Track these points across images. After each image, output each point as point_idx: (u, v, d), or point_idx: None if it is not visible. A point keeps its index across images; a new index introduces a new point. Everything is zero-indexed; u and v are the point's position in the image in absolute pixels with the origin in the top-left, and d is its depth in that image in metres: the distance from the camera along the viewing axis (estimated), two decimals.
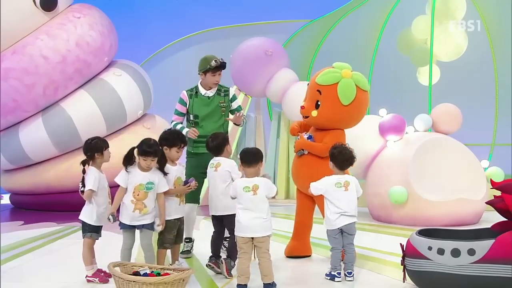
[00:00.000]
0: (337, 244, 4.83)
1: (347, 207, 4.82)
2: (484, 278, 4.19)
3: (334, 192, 4.82)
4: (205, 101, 5.67)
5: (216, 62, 5.58)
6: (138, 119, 8.54)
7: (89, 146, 4.83)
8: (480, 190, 7.27)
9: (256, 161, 4.61)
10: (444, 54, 8.82)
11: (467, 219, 7.15)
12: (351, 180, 4.89)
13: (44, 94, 7.97)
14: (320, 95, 5.30)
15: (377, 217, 7.59)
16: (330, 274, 4.81)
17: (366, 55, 9.19)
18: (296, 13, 9.45)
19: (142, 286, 4.10)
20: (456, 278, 4.24)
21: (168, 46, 10.03)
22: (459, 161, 7.36)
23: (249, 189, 4.52)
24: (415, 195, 7.14)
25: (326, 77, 5.31)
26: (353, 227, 4.87)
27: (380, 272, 5.09)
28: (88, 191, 4.71)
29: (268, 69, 8.65)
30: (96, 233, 4.80)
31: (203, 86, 5.70)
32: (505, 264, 4.14)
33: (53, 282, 4.85)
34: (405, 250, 4.46)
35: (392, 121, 7.64)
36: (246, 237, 4.48)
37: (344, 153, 4.91)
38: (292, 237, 5.61)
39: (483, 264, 4.18)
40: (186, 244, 5.64)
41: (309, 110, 5.35)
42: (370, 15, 9.19)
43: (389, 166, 7.46)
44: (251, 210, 4.51)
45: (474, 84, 8.91)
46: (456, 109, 7.78)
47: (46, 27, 8.07)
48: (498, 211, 4.39)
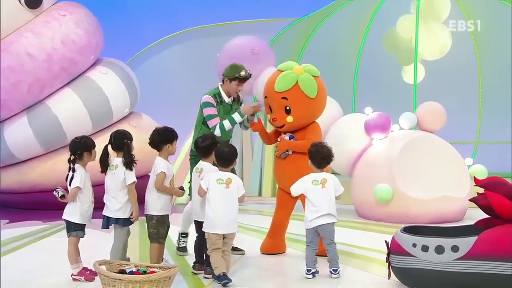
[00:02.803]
0: (311, 242, 4.83)
1: (324, 205, 4.79)
2: (467, 274, 4.23)
3: (311, 190, 4.82)
4: (227, 109, 5.61)
5: (245, 73, 5.55)
6: (124, 117, 8.50)
7: (79, 145, 4.84)
8: (464, 187, 7.32)
9: (232, 163, 4.70)
10: (428, 53, 8.87)
11: (451, 216, 7.20)
12: (328, 178, 4.86)
13: (29, 92, 7.91)
14: (287, 101, 5.37)
15: (363, 215, 7.63)
16: (309, 271, 4.81)
17: (352, 53, 9.21)
18: (282, 12, 9.46)
19: (128, 284, 4.09)
20: (440, 275, 4.28)
21: (155, 44, 9.99)
22: (443, 159, 7.41)
23: (222, 181, 4.57)
24: (400, 193, 7.17)
25: (285, 82, 5.39)
26: (329, 229, 4.81)
27: (366, 269, 5.12)
28: (75, 189, 4.72)
29: (255, 67, 8.62)
30: (81, 231, 4.81)
31: (225, 93, 5.60)
32: (488, 260, 4.18)
33: (39, 281, 4.83)
34: (390, 247, 4.50)
35: (377, 119, 7.67)
36: (220, 234, 4.55)
37: (322, 151, 4.91)
38: (268, 235, 5.68)
39: (466, 260, 4.22)
40: (183, 240, 5.62)
41: (282, 119, 5.41)
42: (356, 14, 9.21)
43: (374, 164, 7.49)
44: (221, 204, 4.55)
45: (458, 83, 8.97)
46: (440, 108, 7.82)
47: (31, 25, 8.00)
48: (481, 208, 4.44)
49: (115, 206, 4.82)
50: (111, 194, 4.85)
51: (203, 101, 5.54)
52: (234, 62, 5.75)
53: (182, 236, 5.60)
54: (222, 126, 5.46)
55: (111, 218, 4.84)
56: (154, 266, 4.44)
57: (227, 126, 5.49)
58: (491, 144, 8.93)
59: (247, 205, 8.75)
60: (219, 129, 5.45)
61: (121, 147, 4.86)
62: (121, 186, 4.82)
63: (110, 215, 4.84)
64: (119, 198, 4.81)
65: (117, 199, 4.81)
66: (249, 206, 8.65)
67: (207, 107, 5.51)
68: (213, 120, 5.49)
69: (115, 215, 4.82)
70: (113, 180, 4.84)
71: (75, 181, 4.73)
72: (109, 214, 4.85)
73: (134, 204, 4.82)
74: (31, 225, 7.20)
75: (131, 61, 9.73)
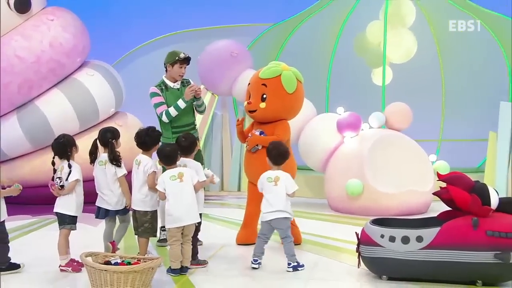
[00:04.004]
0: (263, 235, 4.80)
1: (276, 201, 4.75)
2: (431, 263, 4.27)
3: (266, 187, 4.79)
4: (176, 94, 5.66)
5: (184, 54, 5.64)
6: (110, 116, 8.44)
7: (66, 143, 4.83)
8: (428, 182, 7.39)
9: (174, 160, 4.68)
10: (396, 57, 8.92)
11: (416, 209, 7.26)
12: (281, 176, 4.80)
13: (19, 92, 7.81)
14: (266, 87, 5.43)
15: (335, 208, 7.66)
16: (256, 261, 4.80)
17: (324, 57, 9.23)
18: (260, 17, 9.44)
19: (113, 274, 4.06)
20: (406, 263, 4.32)
21: (139, 48, 9.91)
22: (409, 156, 7.47)
23: (175, 177, 4.57)
24: (370, 187, 7.22)
25: (269, 71, 5.47)
26: (281, 223, 4.78)
27: (338, 259, 5.15)
28: (74, 182, 4.73)
29: (234, 69, 8.64)
30: (74, 224, 4.83)
31: (169, 79, 5.69)
32: (450, 249, 4.23)
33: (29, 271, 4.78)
34: (360, 238, 4.52)
35: (348, 118, 7.71)
36: (180, 227, 4.55)
37: (278, 148, 4.88)
38: (242, 226, 5.70)
39: (430, 250, 4.27)
40: (163, 233, 5.59)
41: (256, 104, 5.46)
42: (328, 20, 9.23)
43: (346, 160, 7.53)
44: (179, 198, 4.54)
45: (423, 84, 9.02)
46: (407, 108, 7.89)
47: (21, 28, 7.92)
48: (443, 201, 4.49)
49: (112, 200, 4.91)
50: (106, 188, 4.91)
51: (149, 92, 5.67)
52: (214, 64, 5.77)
53: (162, 229, 5.58)
54: (168, 113, 5.55)
55: (111, 211, 4.94)
56: (138, 257, 4.41)
57: (173, 112, 5.56)
58: (453, 142, 9.01)
59: (226, 199, 8.75)
60: (165, 115, 5.55)
61: (106, 144, 4.89)
62: (113, 179, 4.89)
63: (109, 207, 4.93)
64: (114, 191, 4.90)
65: (114, 193, 4.90)
66: (229, 200, 8.65)
67: (153, 97, 5.64)
68: (159, 108, 5.60)
69: (114, 208, 4.94)
70: (105, 174, 4.90)
71: (74, 174, 4.74)
72: (107, 207, 4.94)
73: (127, 194, 4.91)
74: (21, 219, 7.11)
75: (117, 63, 9.64)
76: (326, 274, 4.73)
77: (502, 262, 4.14)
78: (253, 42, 9.47)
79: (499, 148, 8.39)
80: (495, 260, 4.15)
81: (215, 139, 9.42)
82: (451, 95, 9.05)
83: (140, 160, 4.87)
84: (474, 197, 4.25)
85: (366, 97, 8.86)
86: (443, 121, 9.08)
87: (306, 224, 6.29)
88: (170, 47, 6.17)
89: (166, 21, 9.63)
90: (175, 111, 5.57)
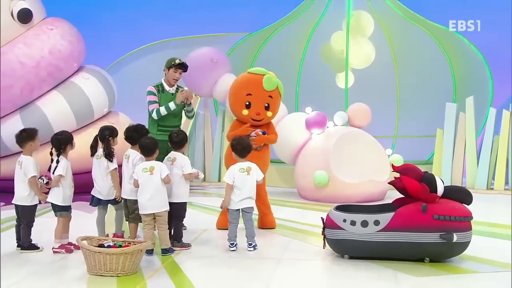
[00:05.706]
0: (234, 219, 4.80)
1: (249, 190, 4.77)
2: (387, 243, 4.33)
3: (238, 177, 4.76)
4: (169, 97, 5.62)
5: (179, 60, 5.62)
6: (104, 115, 8.37)
7: (62, 140, 4.81)
8: (385, 173, 7.47)
9: (153, 152, 4.66)
10: (357, 63, 8.98)
11: (375, 196, 7.34)
12: (252, 166, 4.83)
13: (21, 94, 7.71)
14: (271, 99, 5.53)
15: (304, 196, 7.69)
16: (232, 244, 4.77)
17: (295, 63, 9.26)
18: (237, 27, 9.44)
19: (106, 256, 4.05)
20: (365, 244, 4.37)
21: (129, 54, 9.83)
22: (369, 150, 7.53)
23: (146, 170, 4.58)
24: (334, 178, 7.27)
25: (271, 84, 5.53)
26: (250, 209, 4.82)
27: (307, 241, 5.18)
28: (58, 177, 4.72)
29: (214, 73, 8.60)
30: (65, 212, 4.78)
31: (167, 83, 5.65)
32: (403, 231, 4.29)
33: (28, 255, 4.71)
34: (325, 223, 4.55)
35: (316, 117, 7.75)
36: (149, 214, 4.57)
37: (242, 142, 4.90)
38: (222, 213, 5.61)
39: (386, 232, 4.32)
40: None
41: (264, 114, 5.55)
42: (298, 30, 9.25)
43: (313, 154, 7.56)
44: (148, 189, 4.54)
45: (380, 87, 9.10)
46: (367, 108, 7.95)
47: (23, 37, 7.82)
48: (397, 190, 4.54)
49: (104, 190, 4.92)
50: (100, 179, 4.92)
51: (147, 90, 5.63)
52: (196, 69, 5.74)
53: None
54: (158, 111, 5.53)
55: (102, 200, 4.96)
56: (128, 241, 4.39)
57: (162, 111, 5.54)
58: (406, 138, 9.11)
59: (208, 189, 8.73)
60: (155, 113, 5.54)
61: (103, 140, 4.88)
62: (105, 172, 4.89)
63: (100, 197, 4.95)
64: (106, 183, 4.90)
65: (106, 184, 4.91)
66: (210, 190, 8.63)
67: (148, 95, 5.62)
68: (152, 105, 5.59)
69: (105, 198, 4.95)
70: (99, 167, 4.92)
71: (58, 170, 4.71)
72: (99, 196, 4.95)
73: (117, 187, 4.91)
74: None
75: (110, 68, 9.55)
76: (296, 254, 4.76)
77: (446, 242, 4.22)
78: (232, 49, 9.46)
79: (445, 143, 8.54)
80: (441, 240, 4.22)
81: (198, 136, 9.38)
82: (404, 96, 9.15)
83: (129, 154, 4.87)
84: (423, 186, 4.30)
85: (331, 98, 8.91)
86: (398, 119, 9.18)
87: (279, 211, 6.31)
88: (157, 54, 6.15)
89: (153, 31, 9.59)
90: (165, 110, 5.54)
